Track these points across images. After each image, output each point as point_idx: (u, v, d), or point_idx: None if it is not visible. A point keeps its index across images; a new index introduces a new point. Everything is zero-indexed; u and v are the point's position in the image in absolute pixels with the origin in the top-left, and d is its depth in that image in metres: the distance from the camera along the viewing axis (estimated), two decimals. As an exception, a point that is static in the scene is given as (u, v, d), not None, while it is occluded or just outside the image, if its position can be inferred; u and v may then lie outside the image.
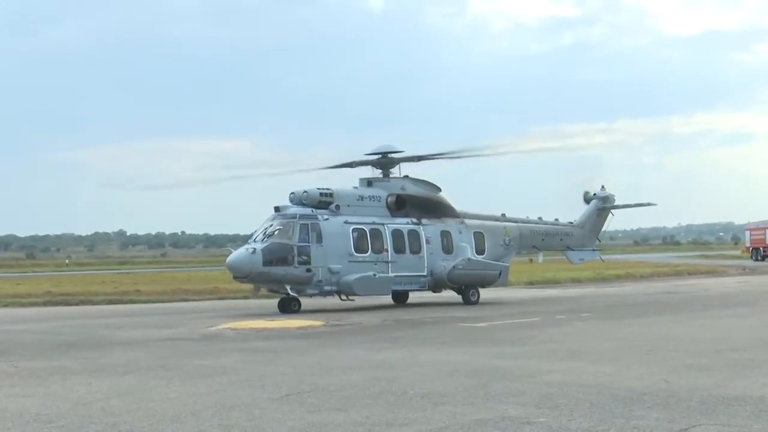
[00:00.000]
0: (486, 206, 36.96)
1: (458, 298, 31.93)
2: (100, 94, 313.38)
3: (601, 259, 42.48)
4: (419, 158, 32.62)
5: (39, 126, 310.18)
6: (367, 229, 29.83)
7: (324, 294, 29.60)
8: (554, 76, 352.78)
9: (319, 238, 28.69)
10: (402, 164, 32.38)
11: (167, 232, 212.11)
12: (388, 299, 31.77)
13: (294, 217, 28.82)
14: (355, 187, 31.38)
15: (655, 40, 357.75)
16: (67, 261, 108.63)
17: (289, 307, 28.23)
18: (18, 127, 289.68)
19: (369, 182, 31.75)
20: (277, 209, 29.44)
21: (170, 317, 27.17)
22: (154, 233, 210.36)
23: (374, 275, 29.39)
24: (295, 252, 28.28)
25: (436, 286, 31.67)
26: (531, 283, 46.06)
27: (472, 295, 31.66)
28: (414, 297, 32.79)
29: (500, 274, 32.80)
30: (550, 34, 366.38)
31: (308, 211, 29.14)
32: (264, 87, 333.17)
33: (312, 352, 16.85)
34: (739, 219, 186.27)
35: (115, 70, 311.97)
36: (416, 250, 30.88)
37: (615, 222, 39.54)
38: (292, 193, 29.90)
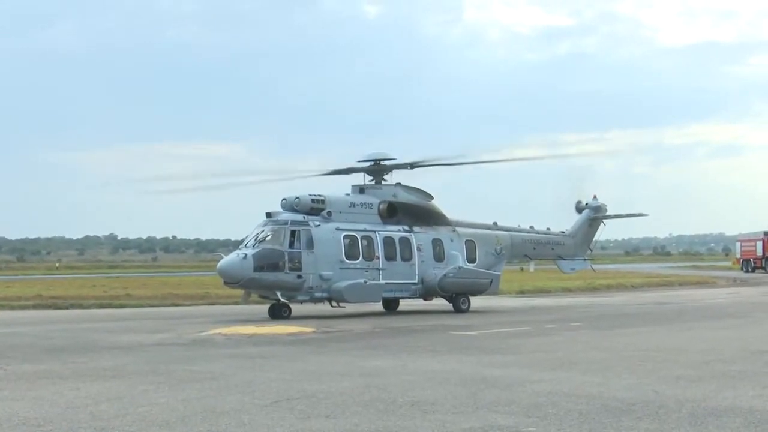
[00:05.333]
0: (478, 214, 36.97)
1: (449, 306, 31.93)
2: (93, 97, 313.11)
3: (593, 269, 42.55)
4: (412, 165, 32.67)
5: (31, 128, 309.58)
6: (358, 236, 29.85)
7: (315, 300, 29.63)
8: (549, 85, 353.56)
9: (311, 245, 28.69)
10: (394, 171, 32.43)
11: (158, 237, 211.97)
12: (378, 306, 31.77)
13: (285, 223, 28.83)
14: (347, 194, 31.42)
15: (650, 51, 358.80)
16: (57, 264, 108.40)
17: (279, 313, 28.22)
18: (9, 129, 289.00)
19: (361, 189, 31.78)
20: (268, 215, 29.44)
21: (160, 322, 27.09)
22: (145, 237, 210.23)
23: (365, 282, 29.41)
24: (286, 258, 28.28)
25: (426, 293, 31.67)
26: (522, 292, 46.07)
27: (462, 303, 31.68)
28: (405, 304, 32.79)
29: (491, 282, 32.85)
30: (545, 43, 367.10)
31: (300, 217, 29.15)
32: (258, 92, 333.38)
33: (302, 359, 16.83)
34: (731, 230, 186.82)
35: (110, 73, 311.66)
36: (407, 257, 30.90)
37: (606, 232, 39.73)
38: (284, 199, 29.90)
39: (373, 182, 32.13)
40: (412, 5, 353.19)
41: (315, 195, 29.89)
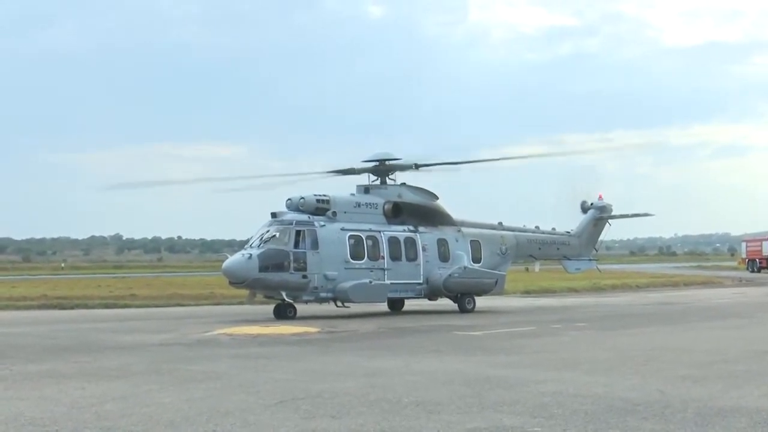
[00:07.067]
0: (483, 215, 36.91)
1: (454, 306, 31.91)
2: (93, 97, 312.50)
3: (598, 269, 42.47)
4: (416, 166, 32.64)
5: (31, 128, 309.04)
6: (363, 236, 29.84)
7: (320, 301, 29.61)
8: (552, 85, 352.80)
9: (316, 245, 28.68)
10: (399, 171, 32.41)
11: (163, 237, 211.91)
12: (383, 306, 31.76)
13: (290, 223, 28.83)
14: (352, 194, 31.40)
15: (653, 52, 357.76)
16: (62, 264, 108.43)
17: (284, 313, 28.24)
18: (15, 130, 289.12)
19: (366, 189, 31.76)
20: (273, 215, 29.45)
21: (165, 322, 27.11)
22: (150, 237, 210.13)
23: (370, 282, 29.40)
24: (291, 258, 28.29)
25: (432, 293, 31.66)
26: (527, 292, 46.04)
27: (467, 303, 31.66)
28: (410, 304, 32.77)
29: (496, 282, 32.82)
30: (548, 43, 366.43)
31: (305, 217, 29.15)
32: (258, 92, 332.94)
33: (307, 359, 16.84)
34: (736, 230, 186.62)
35: (110, 73, 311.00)
36: (412, 257, 30.89)
37: (611, 232, 39.50)
38: (289, 199, 29.89)
39: (378, 182, 32.12)
40: (414, 5, 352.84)
41: (320, 195, 29.90)
